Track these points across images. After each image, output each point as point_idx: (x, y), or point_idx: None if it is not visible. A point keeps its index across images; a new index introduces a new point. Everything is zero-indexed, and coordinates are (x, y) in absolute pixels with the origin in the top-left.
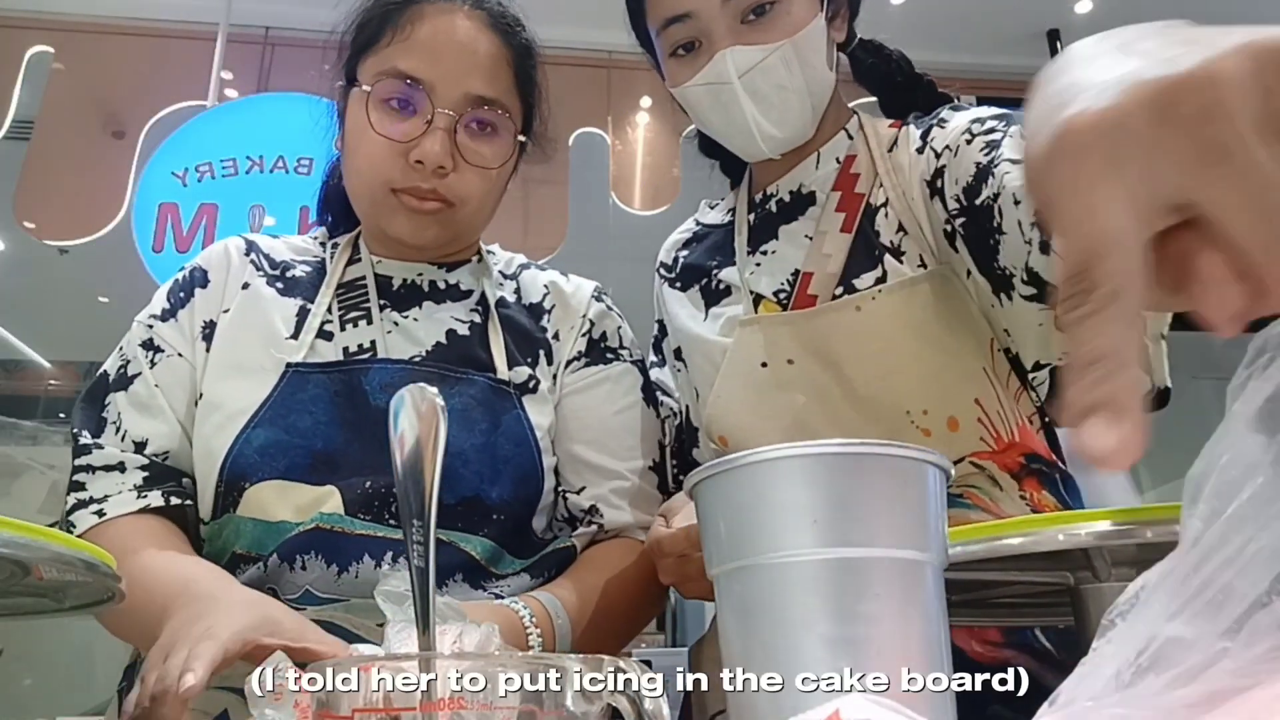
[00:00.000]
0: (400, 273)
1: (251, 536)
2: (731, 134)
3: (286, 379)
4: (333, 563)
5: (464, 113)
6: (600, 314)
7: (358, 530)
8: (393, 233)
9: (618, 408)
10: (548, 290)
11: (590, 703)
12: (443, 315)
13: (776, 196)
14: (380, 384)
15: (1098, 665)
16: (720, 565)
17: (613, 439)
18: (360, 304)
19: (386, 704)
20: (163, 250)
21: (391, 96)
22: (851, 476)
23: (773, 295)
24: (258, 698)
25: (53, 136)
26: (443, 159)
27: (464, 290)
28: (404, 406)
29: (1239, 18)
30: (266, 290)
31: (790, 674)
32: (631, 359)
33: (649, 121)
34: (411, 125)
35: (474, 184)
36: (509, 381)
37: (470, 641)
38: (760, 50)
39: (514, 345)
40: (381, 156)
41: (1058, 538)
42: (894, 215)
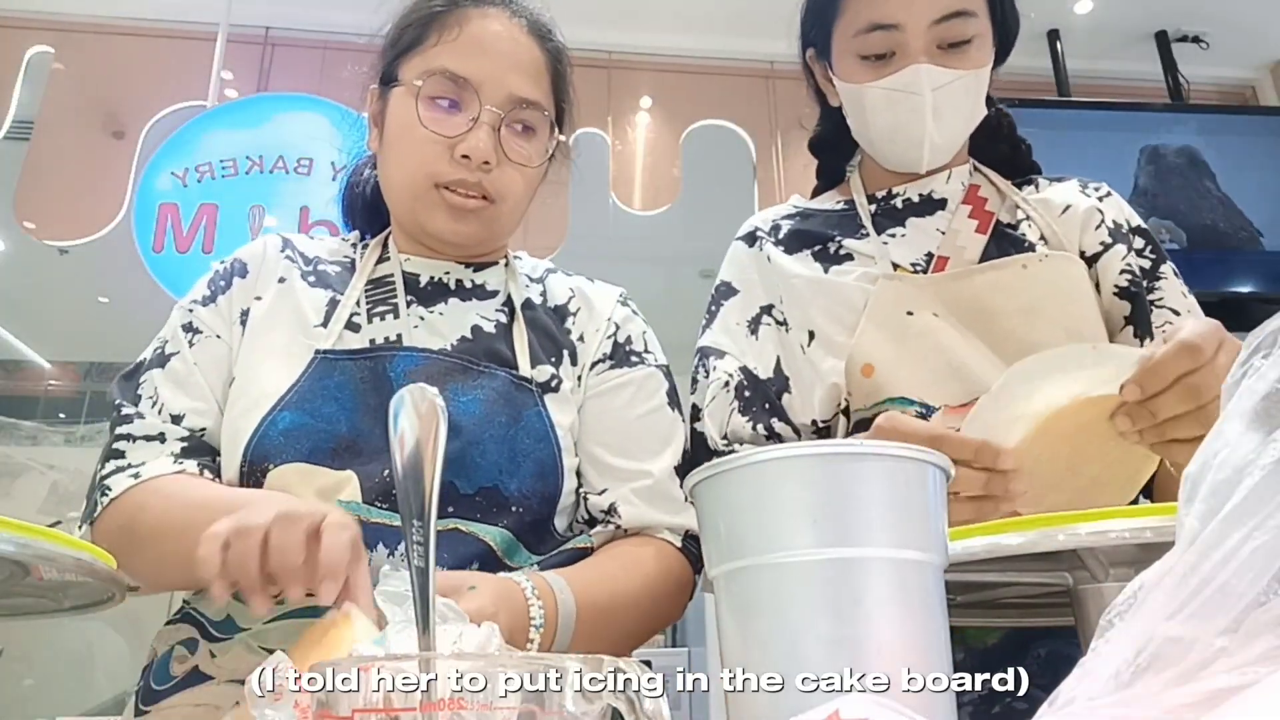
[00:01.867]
0: (428, 270)
1: None
2: (897, 139)
3: (315, 365)
4: None
5: (509, 111)
6: (625, 318)
7: (374, 519)
8: (432, 228)
9: (641, 411)
10: (573, 294)
11: (590, 703)
12: (469, 312)
13: (903, 196)
14: (405, 371)
15: (1097, 665)
16: (720, 565)
17: (635, 441)
18: (388, 299)
19: (386, 704)
20: (163, 250)
21: (440, 94)
22: (851, 476)
23: (909, 265)
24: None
25: (53, 136)
26: (488, 154)
27: (490, 290)
28: (404, 407)
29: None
30: (300, 283)
31: (790, 674)
32: (656, 363)
33: (649, 121)
34: (459, 121)
35: (515, 181)
36: (531, 379)
37: (470, 642)
38: (951, 73)
39: (538, 345)
40: (428, 151)
41: (1058, 538)
42: (1036, 228)
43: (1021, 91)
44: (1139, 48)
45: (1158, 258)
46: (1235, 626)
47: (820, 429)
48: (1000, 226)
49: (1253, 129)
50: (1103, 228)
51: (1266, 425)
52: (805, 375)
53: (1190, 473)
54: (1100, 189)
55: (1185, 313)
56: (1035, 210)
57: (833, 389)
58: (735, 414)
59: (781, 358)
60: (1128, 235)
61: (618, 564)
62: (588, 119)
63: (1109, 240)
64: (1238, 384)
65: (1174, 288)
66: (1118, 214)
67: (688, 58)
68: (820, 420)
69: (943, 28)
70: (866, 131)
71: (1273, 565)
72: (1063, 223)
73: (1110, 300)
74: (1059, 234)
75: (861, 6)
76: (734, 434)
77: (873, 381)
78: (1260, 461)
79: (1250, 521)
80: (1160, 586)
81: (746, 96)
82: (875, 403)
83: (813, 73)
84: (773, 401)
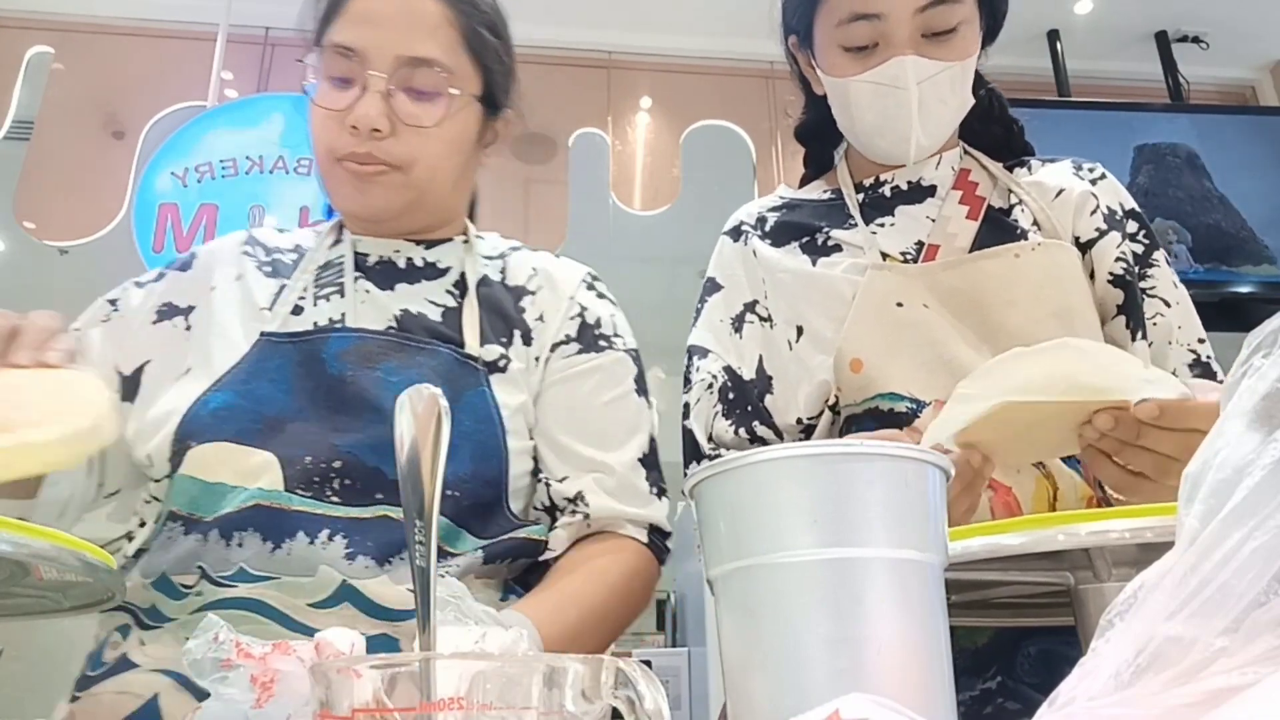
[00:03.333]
0: (377, 249)
1: (188, 495)
2: (884, 133)
3: (257, 347)
4: (268, 539)
5: (394, 74)
6: (591, 300)
7: (295, 506)
8: (342, 205)
9: (607, 398)
10: (535, 272)
11: (590, 702)
12: (416, 291)
13: (892, 183)
14: (337, 352)
15: (1097, 665)
16: (720, 565)
17: (600, 429)
18: (336, 279)
19: (386, 704)
20: (163, 250)
21: (333, 70)
22: (851, 476)
23: (899, 255)
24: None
25: (53, 136)
26: (376, 121)
27: (442, 269)
28: (403, 407)
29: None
30: (254, 274)
31: (790, 674)
32: (625, 348)
33: (649, 121)
34: (350, 94)
35: (416, 146)
36: (478, 358)
37: (494, 643)
38: (936, 65)
39: (488, 324)
40: (326, 128)
41: (1058, 538)
42: (1029, 212)
43: (1021, 91)
44: (1139, 48)
45: (1151, 243)
46: (1235, 626)
47: (806, 427)
48: (992, 212)
49: (1252, 129)
50: (1097, 213)
51: (1266, 425)
52: (790, 372)
53: (1190, 473)
54: (1095, 170)
55: (1175, 304)
56: (1028, 194)
57: (821, 386)
58: (719, 417)
59: (764, 356)
60: (1122, 220)
61: (581, 578)
62: (588, 119)
63: (1104, 227)
64: (1238, 384)
65: (1165, 276)
66: (1112, 198)
67: (688, 58)
68: (806, 418)
69: (927, 16)
70: (852, 125)
71: (1273, 565)
72: (1056, 207)
73: (1104, 288)
74: (1052, 219)
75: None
76: (718, 437)
77: (862, 377)
78: (1260, 461)
79: (1250, 521)
80: (1160, 586)
81: (746, 96)
82: (865, 398)
83: (796, 60)
84: (755, 404)
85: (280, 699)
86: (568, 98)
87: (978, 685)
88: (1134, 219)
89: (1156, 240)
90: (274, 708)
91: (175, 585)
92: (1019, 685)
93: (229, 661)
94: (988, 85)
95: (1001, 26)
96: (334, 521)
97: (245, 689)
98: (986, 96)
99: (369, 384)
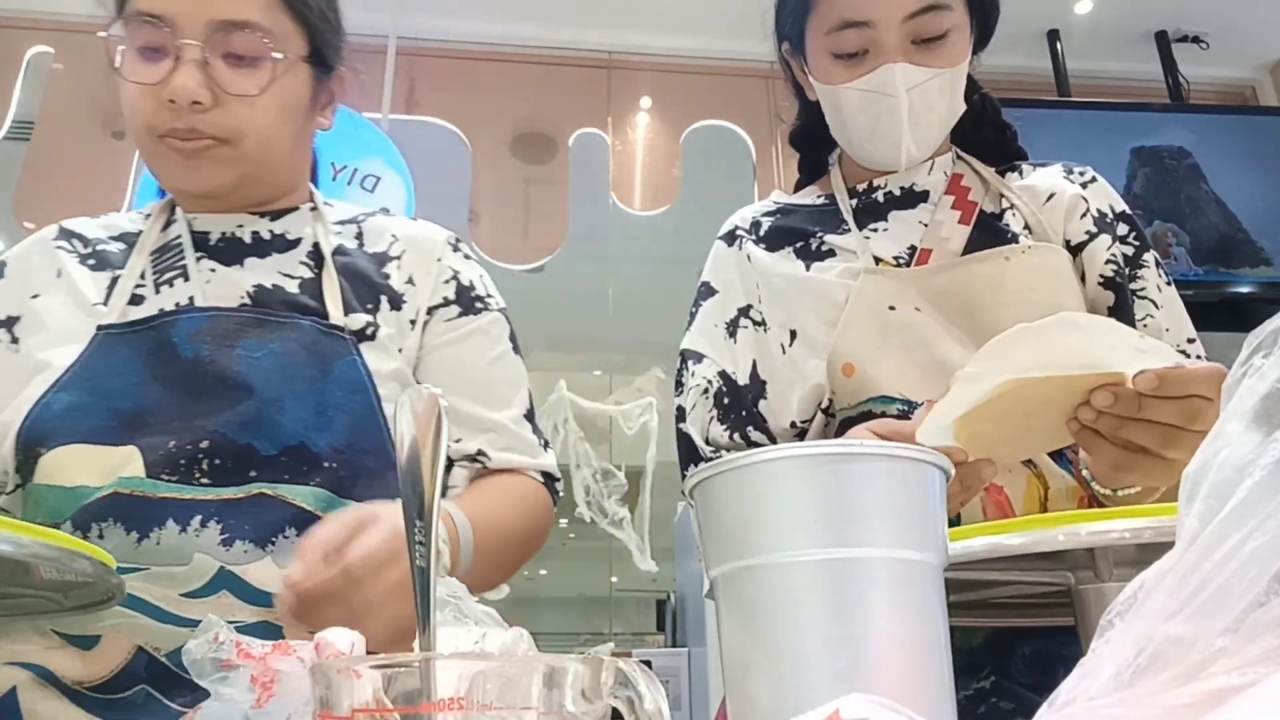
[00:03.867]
0: (218, 226)
1: (50, 505)
2: (874, 140)
3: (96, 343)
4: (132, 529)
5: (208, 40)
6: (461, 263)
7: (160, 493)
8: (171, 184)
9: (490, 357)
10: (395, 239)
11: (590, 703)
12: (268, 266)
13: (885, 189)
14: (189, 334)
15: (1097, 665)
16: (720, 565)
17: (488, 388)
18: (176, 263)
19: (386, 704)
20: None
21: (141, 41)
22: (851, 476)
23: (892, 259)
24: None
25: (53, 136)
26: (195, 93)
27: (291, 240)
28: (403, 407)
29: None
30: (77, 269)
31: (790, 674)
32: (498, 307)
33: (649, 121)
34: (163, 66)
35: (243, 116)
36: (343, 328)
37: (494, 643)
38: (925, 72)
39: (351, 293)
40: (142, 104)
41: (1058, 538)
42: (1021, 216)
43: (1021, 91)
44: (1139, 48)
45: (1141, 244)
46: (1236, 626)
47: (800, 430)
48: (984, 216)
49: (1252, 129)
50: (1088, 216)
51: (1266, 425)
52: (784, 376)
53: (1190, 473)
54: (1085, 174)
55: (1165, 305)
56: (1020, 198)
57: (815, 389)
58: (714, 422)
59: (758, 360)
60: (1112, 223)
61: (498, 499)
62: (588, 119)
63: (1094, 229)
64: (1238, 384)
65: (1154, 278)
66: (1103, 201)
67: (688, 58)
68: (800, 421)
69: (917, 23)
70: (844, 132)
71: (1273, 565)
72: (1048, 211)
73: (1095, 290)
74: (1044, 223)
75: (833, 2)
76: (714, 441)
77: (854, 380)
78: (1260, 461)
79: (1250, 521)
80: (1160, 586)
81: (746, 96)
82: (859, 401)
83: (790, 66)
84: (749, 409)
85: (280, 699)
86: (568, 98)
87: (972, 685)
88: (1124, 221)
89: (1147, 242)
90: (274, 708)
91: None
92: (1013, 685)
93: (229, 662)
94: (981, 90)
95: (993, 32)
96: (205, 506)
97: (245, 689)
98: (980, 101)
99: (229, 362)
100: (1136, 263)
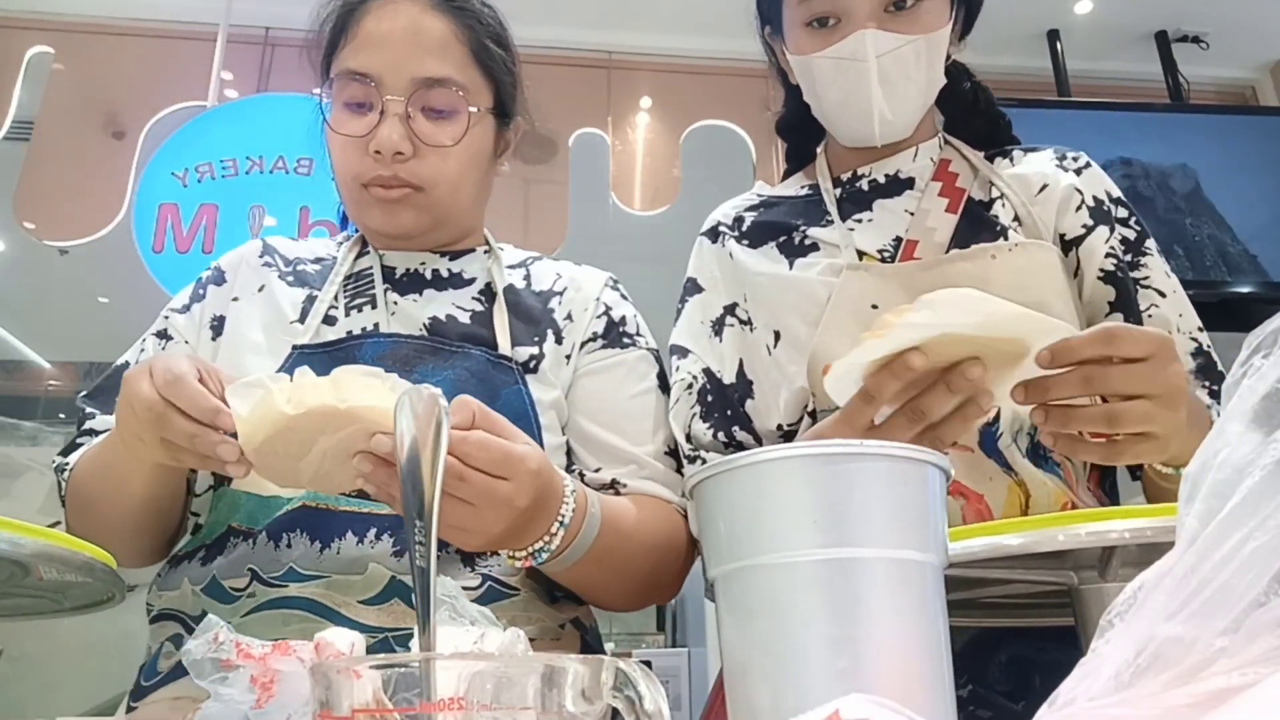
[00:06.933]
0: (404, 262)
1: (246, 511)
2: (847, 110)
3: (292, 360)
4: (316, 539)
5: (412, 96)
6: (616, 300)
7: (342, 507)
8: (371, 226)
9: (634, 392)
10: (559, 276)
11: (590, 703)
12: (444, 299)
13: (869, 177)
14: (374, 356)
15: (1097, 665)
16: (720, 565)
17: (628, 422)
18: (366, 290)
19: (386, 704)
20: (163, 250)
21: (348, 96)
22: (851, 476)
23: (875, 253)
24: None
25: (53, 136)
26: (399, 145)
27: (468, 279)
28: (403, 407)
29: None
30: (278, 284)
31: (790, 674)
32: (648, 346)
33: (649, 121)
34: (368, 119)
35: (438, 166)
36: (511, 359)
37: (492, 644)
38: (898, 38)
39: (520, 328)
40: (349, 154)
41: (1058, 538)
42: (1010, 207)
43: (1021, 91)
44: (1139, 48)
45: (1141, 230)
46: (1235, 627)
47: (786, 433)
48: (972, 204)
49: (1252, 129)
50: (1083, 209)
51: (1266, 425)
52: (771, 377)
53: (1190, 473)
54: (1079, 160)
55: (1171, 294)
56: (1010, 187)
57: (800, 392)
58: (697, 418)
59: (745, 360)
60: (1108, 211)
61: (639, 508)
62: (588, 119)
63: (1090, 222)
64: (1238, 384)
65: (1158, 266)
66: (1097, 189)
67: (688, 58)
68: (786, 424)
69: None
70: (820, 105)
71: (1273, 565)
72: (1040, 204)
73: (1094, 285)
74: (1035, 215)
75: None
76: (695, 438)
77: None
78: (1260, 461)
79: (1250, 522)
80: (1160, 586)
81: (746, 96)
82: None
83: (773, 50)
84: (735, 408)
85: (280, 699)
86: (568, 98)
87: None
88: (1122, 206)
89: (1147, 229)
90: (274, 708)
91: (226, 589)
92: (990, 693)
93: (229, 662)
94: (974, 78)
95: (980, 5)
96: (381, 520)
97: (245, 689)
98: (971, 90)
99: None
100: (1139, 249)
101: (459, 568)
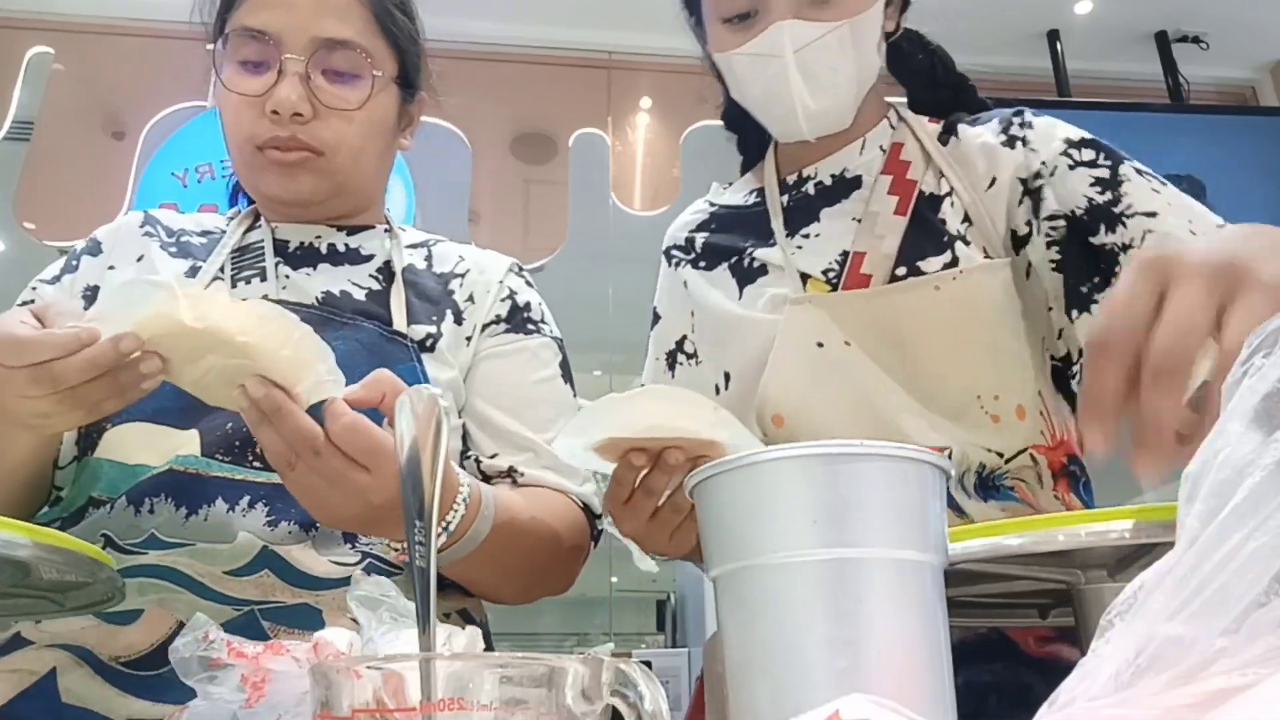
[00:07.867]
0: (298, 235)
1: (108, 479)
2: (771, 109)
3: None
4: (182, 505)
5: (312, 56)
6: (520, 286)
7: (213, 472)
8: (266, 191)
9: (536, 378)
10: (462, 259)
11: (590, 703)
12: (340, 275)
13: (815, 179)
14: None
15: (1097, 665)
16: (720, 565)
17: (529, 408)
18: (255, 263)
19: (386, 704)
20: None
21: (244, 54)
22: (851, 476)
23: (821, 275)
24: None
25: (53, 137)
26: (298, 105)
27: (365, 255)
28: (402, 408)
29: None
30: (158, 254)
31: (790, 674)
32: (551, 334)
33: (649, 122)
34: (265, 79)
35: (339, 129)
36: (406, 335)
37: (459, 644)
38: (818, 27)
39: (418, 305)
40: (242, 114)
41: (1058, 538)
42: (960, 205)
43: (1021, 91)
44: (1139, 48)
45: (1113, 163)
46: (1236, 627)
47: None
48: (922, 202)
49: (1252, 130)
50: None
51: (1267, 425)
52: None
53: (1190, 473)
54: (1024, 123)
55: (1165, 206)
56: (960, 179)
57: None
58: None
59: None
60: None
61: (533, 499)
62: (588, 119)
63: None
64: (1238, 384)
65: (1141, 188)
66: (1055, 141)
67: (688, 58)
68: None
69: None
70: (745, 103)
71: (1273, 565)
72: (990, 199)
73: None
74: (984, 212)
75: None
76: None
77: (785, 431)
78: (1261, 461)
79: (1251, 522)
80: (1160, 586)
81: None
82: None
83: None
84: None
85: (271, 699)
86: (568, 98)
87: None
88: (1087, 147)
89: (1118, 156)
90: (264, 708)
91: None
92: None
93: (218, 660)
94: (929, 47)
95: None
96: (255, 487)
97: (234, 688)
98: (928, 59)
99: None
100: (1114, 184)
101: (338, 543)
